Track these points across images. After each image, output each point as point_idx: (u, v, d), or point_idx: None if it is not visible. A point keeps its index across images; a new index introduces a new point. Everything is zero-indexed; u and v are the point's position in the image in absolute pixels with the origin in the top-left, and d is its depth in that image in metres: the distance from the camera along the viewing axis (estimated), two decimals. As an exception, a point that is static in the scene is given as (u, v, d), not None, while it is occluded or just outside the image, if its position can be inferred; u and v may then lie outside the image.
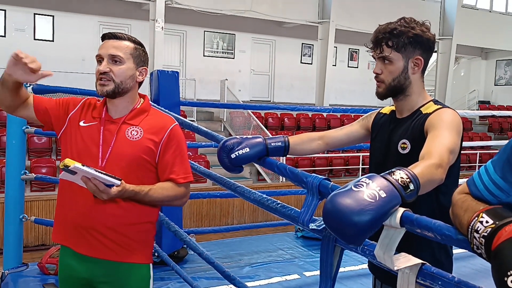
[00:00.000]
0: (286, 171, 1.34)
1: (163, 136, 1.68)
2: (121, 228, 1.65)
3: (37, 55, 1.76)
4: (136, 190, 1.59)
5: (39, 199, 6.64)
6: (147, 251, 1.75)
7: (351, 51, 15.34)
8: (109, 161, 1.64)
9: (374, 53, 1.56)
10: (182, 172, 1.70)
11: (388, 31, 1.51)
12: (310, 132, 1.80)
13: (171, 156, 1.69)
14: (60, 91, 3.53)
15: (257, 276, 3.46)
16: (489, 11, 16.05)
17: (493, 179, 0.89)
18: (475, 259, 3.67)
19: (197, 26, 12.54)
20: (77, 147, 1.69)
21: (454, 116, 1.44)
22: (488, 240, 0.75)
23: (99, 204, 1.61)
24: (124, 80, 1.66)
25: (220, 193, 4.33)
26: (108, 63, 1.64)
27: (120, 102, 1.70)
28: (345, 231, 0.90)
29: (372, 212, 0.89)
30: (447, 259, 1.56)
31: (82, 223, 1.65)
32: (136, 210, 1.67)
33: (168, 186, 1.69)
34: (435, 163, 1.18)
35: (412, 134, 1.51)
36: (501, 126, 15.71)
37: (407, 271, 0.91)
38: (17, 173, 3.28)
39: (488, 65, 18.06)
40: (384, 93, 1.57)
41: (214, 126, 11.35)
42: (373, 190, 0.92)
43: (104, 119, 1.70)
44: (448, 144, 1.31)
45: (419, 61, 1.53)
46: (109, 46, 1.66)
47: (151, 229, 1.76)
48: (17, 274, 3.22)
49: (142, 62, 1.72)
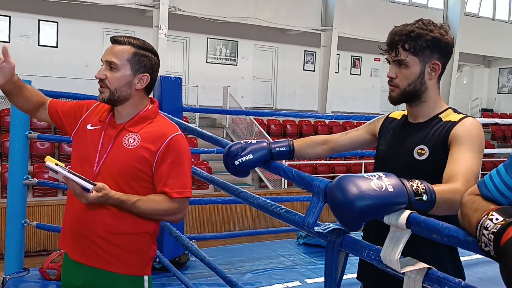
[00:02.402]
0: (292, 175, 1.33)
1: (160, 146, 1.57)
2: (111, 237, 1.58)
3: (41, 61, 1.77)
4: (122, 199, 1.51)
5: (41, 204, 6.63)
6: (141, 263, 1.64)
7: (354, 58, 15.36)
8: (103, 167, 1.58)
9: (389, 56, 1.48)
10: (178, 186, 1.58)
11: (405, 33, 1.43)
12: (314, 136, 1.77)
13: (167, 168, 1.57)
14: (63, 97, 3.53)
15: (258, 282, 3.44)
16: (491, 19, 16.08)
17: (504, 180, 0.90)
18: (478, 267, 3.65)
19: (200, 33, 12.59)
20: (80, 150, 1.67)
21: (480, 131, 1.40)
22: (497, 237, 0.75)
23: (91, 210, 1.56)
24: (118, 88, 1.58)
25: (222, 199, 4.32)
26: (105, 70, 1.59)
27: (122, 108, 1.63)
28: (342, 210, 0.94)
29: (373, 199, 0.91)
30: (459, 273, 1.53)
31: (76, 228, 1.62)
32: (128, 219, 1.57)
33: (159, 199, 1.58)
34: (461, 190, 1.12)
35: (432, 140, 1.44)
36: (504, 134, 15.67)
37: (414, 275, 0.90)
38: (20, 178, 3.28)
39: (491, 73, 18.06)
40: (398, 98, 1.49)
41: (216, 132, 11.35)
42: (382, 182, 0.95)
43: (107, 123, 1.64)
44: (475, 168, 1.29)
45: (437, 66, 1.46)
46: (109, 51, 1.61)
47: (147, 240, 1.64)
48: (18, 279, 3.21)
49: (143, 68, 1.61)
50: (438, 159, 1.39)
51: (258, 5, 11.85)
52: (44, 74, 9.75)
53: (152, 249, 1.68)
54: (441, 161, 1.36)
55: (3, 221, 5.15)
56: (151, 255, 1.68)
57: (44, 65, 10.54)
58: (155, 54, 1.68)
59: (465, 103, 17.46)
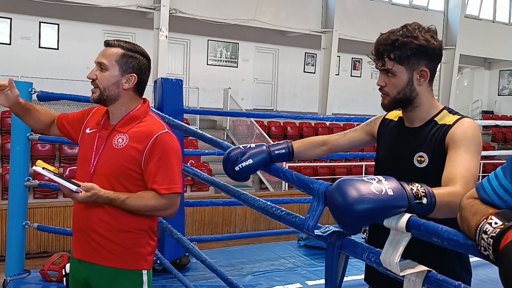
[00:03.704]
0: (292, 177, 1.33)
1: (147, 144, 1.64)
2: (108, 234, 1.67)
3: (42, 63, 1.87)
4: (112, 197, 1.60)
5: (42, 206, 6.64)
6: (138, 258, 1.71)
7: (354, 60, 15.37)
8: (97, 167, 1.68)
9: (376, 65, 1.47)
10: (166, 183, 1.65)
11: (389, 42, 1.41)
12: (313, 137, 1.78)
13: (154, 165, 1.64)
14: (64, 99, 3.55)
15: (259, 284, 3.44)
16: (492, 22, 16.08)
17: (502, 184, 0.90)
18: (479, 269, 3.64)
19: (200, 35, 12.60)
20: (81, 153, 1.78)
21: (476, 131, 1.39)
22: (496, 241, 0.75)
23: (88, 208, 1.67)
24: (107, 87, 1.67)
25: (222, 201, 4.32)
26: (96, 70, 1.70)
27: (113, 109, 1.72)
28: (342, 214, 0.94)
29: (372, 202, 0.91)
30: (467, 276, 1.53)
31: (78, 225, 1.73)
32: (123, 217, 1.66)
33: (148, 196, 1.65)
34: (461, 193, 1.11)
35: (430, 147, 1.43)
36: (505, 136, 15.67)
37: (413, 278, 0.91)
38: (21, 180, 3.28)
39: (491, 75, 18.06)
40: (390, 106, 1.49)
41: (217, 134, 11.34)
42: (382, 185, 0.94)
43: (101, 125, 1.74)
44: (473, 169, 1.28)
45: (425, 72, 1.44)
46: (101, 54, 1.71)
47: (143, 236, 1.72)
48: (19, 281, 3.21)
49: (130, 69, 1.69)
50: (438, 165, 1.38)
51: (258, 7, 11.86)
52: (45, 76, 9.76)
53: (150, 244, 1.75)
54: (441, 167, 1.35)
55: (4, 223, 5.16)
56: (149, 250, 1.75)
57: (45, 67, 10.55)
58: (145, 56, 1.75)
59: (466, 105, 17.46)
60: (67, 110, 9.43)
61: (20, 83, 3.13)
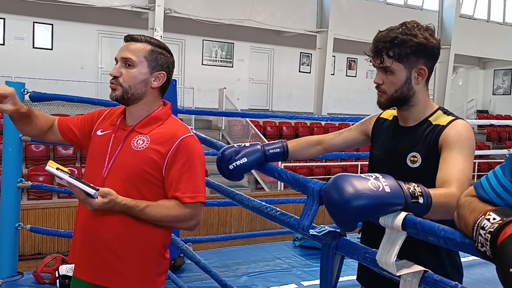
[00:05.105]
0: (287, 177, 1.32)
1: (171, 147, 1.49)
2: (118, 248, 1.49)
3: (36, 63, 1.74)
4: (130, 205, 1.43)
5: (36, 208, 6.59)
6: (146, 280, 1.51)
7: (349, 60, 15.39)
8: (111, 171, 1.51)
9: (375, 63, 1.46)
10: (190, 191, 1.49)
11: (388, 40, 1.40)
12: (308, 136, 1.77)
13: (178, 171, 1.48)
14: (57, 99, 3.52)
15: (254, 285, 3.43)
16: (486, 21, 16.15)
17: (502, 182, 0.90)
18: (474, 268, 3.65)
19: (195, 35, 12.58)
20: (90, 157, 1.62)
21: (470, 133, 1.39)
22: (494, 236, 0.75)
23: (98, 217, 1.48)
24: (133, 85, 1.52)
25: (217, 202, 4.31)
26: (121, 67, 1.53)
27: (134, 109, 1.56)
28: (338, 209, 0.94)
29: (369, 198, 0.91)
30: (458, 277, 1.52)
31: (84, 235, 1.54)
32: (138, 228, 1.48)
33: (170, 204, 1.48)
34: (456, 194, 1.10)
35: (423, 147, 1.43)
36: (500, 136, 15.74)
37: (410, 278, 0.89)
38: (13, 181, 3.25)
39: (486, 74, 18.14)
40: (386, 104, 1.49)
41: (212, 134, 11.32)
42: (380, 182, 0.94)
43: (117, 126, 1.58)
44: (467, 171, 1.29)
45: (423, 70, 1.43)
46: (125, 48, 1.56)
47: (155, 254, 1.53)
48: (12, 283, 3.18)
49: (159, 66, 1.55)
50: (431, 166, 1.38)
51: (253, 7, 11.86)
52: (38, 77, 9.70)
53: (161, 264, 1.57)
54: (434, 167, 1.35)
55: (-3, 225, 5.10)
56: (159, 271, 1.56)
57: (39, 67, 10.50)
58: (171, 53, 1.63)
59: (461, 104, 17.53)
60: (61, 111, 9.39)
61: (13, 83, 3.11)
